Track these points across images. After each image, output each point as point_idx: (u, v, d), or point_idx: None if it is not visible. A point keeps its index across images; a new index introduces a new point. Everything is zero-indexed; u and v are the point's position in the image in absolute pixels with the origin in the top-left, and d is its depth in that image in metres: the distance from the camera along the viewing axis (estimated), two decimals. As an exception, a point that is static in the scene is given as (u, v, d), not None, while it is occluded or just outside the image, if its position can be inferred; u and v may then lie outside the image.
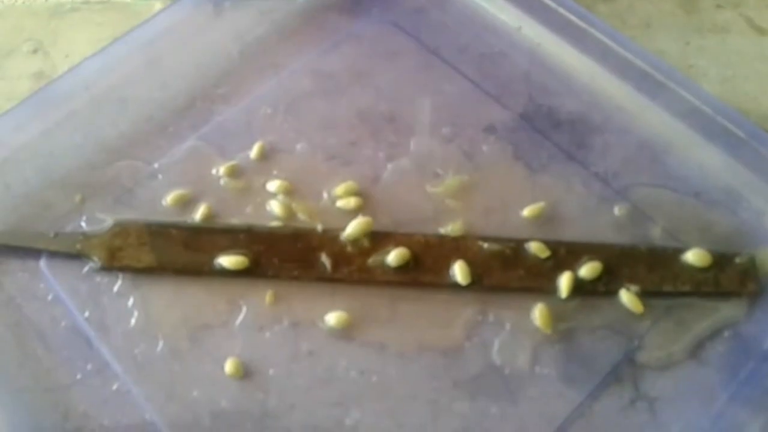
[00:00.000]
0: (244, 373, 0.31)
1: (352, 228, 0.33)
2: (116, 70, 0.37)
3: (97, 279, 0.33)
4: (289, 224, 0.34)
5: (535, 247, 0.33)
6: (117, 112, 0.37)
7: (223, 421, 0.30)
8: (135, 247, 0.33)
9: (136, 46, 0.38)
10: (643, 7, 0.45)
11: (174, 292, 0.32)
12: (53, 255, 0.33)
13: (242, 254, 0.33)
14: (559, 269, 0.32)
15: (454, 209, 0.35)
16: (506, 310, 0.32)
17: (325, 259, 0.33)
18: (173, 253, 0.33)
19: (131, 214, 0.34)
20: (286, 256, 0.33)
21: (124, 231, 0.33)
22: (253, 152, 0.36)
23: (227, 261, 0.32)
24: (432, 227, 0.34)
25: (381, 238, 0.33)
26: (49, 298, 0.32)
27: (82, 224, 0.34)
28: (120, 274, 0.33)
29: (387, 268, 0.33)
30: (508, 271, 0.33)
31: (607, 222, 0.34)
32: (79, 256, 0.33)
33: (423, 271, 0.33)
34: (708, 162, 0.35)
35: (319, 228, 0.34)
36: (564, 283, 0.32)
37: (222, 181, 0.35)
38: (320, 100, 0.38)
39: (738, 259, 0.33)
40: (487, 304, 0.32)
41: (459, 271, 0.32)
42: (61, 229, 0.34)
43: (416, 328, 0.32)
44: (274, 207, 0.34)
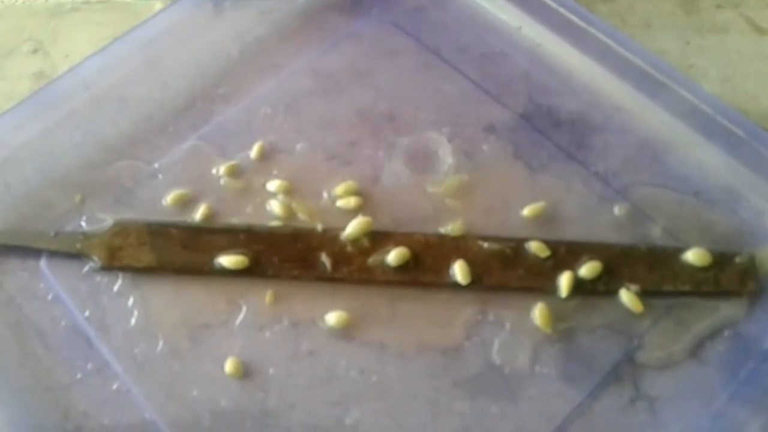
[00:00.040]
0: (244, 373, 0.31)
1: (352, 228, 0.33)
2: (116, 69, 0.37)
3: (97, 278, 0.33)
4: (289, 224, 0.34)
5: (535, 247, 0.33)
6: (117, 111, 0.37)
7: (223, 421, 0.30)
8: (135, 247, 0.33)
9: (136, 46, 0.38)
10: (643, 6, 0.45)
11: (174, 291, 0.32)
12: (53, 254, 0.33)
13: (242, 254, 0.33)
14: (559, 269, 0.32)
15: (454, 209, 0.35)
16: (506, 310, 0.32)
17: (325, 259, 0.33)
18: (173, 252, 0.33)
19: (131, 214, 0.34)
20: (286, 256, 0.33)
21: (124, 231, 0.33)
22: (253, 152, 0.36)
23: (227, 261, 0.32)
24: (432, 227, 0.34)
25: (381, 238, 0.33)
26: (49, 297, 0.32)
27: (82, 224, 0.34)
28: (120, 274, 0.33)
29: (387, 268, 0.33)
30: (508, 271, 0.33)
31: (607, 221, 0.34)
32: (79, 256, 0.33)
33: (423, 270, 0.33)
34: (708, 161, 0.35)
35: (319, 228, 0.34)
36: (564, 282, 0.32)
37: (222, 181, 0.35)
38: (320, 99, 0.38)
39: (738, 259, 0.33)
40: (487, 303, 0.32)
41: (459, 271, 0.32)
42: (61, 229, 0.34)
43: (416, 327, 0.32)
44: (274, 207, 0.34)
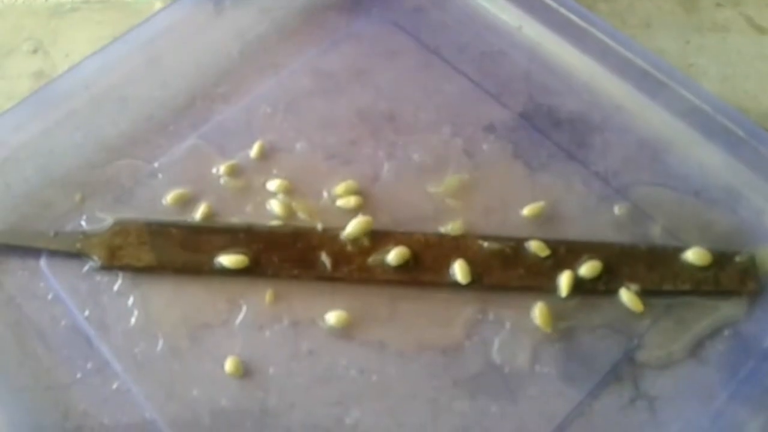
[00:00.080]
0: (244, 372, 0.31)
1: (352, 227, 0.33)
2: (116, 69, 0.37)
3: (97, 278, 0.33)
4: (289, 223, 0.34)
5: (535, 246, 0.33)
6: (117, 111, 0.37)
7: (223, 420, 0.30)
8: (135, 246, 0.33)
9: (136, 45, 0.38)
10: (643, 6, 0.45)
11: (174, 291, 0.32)
12: (53, 254, 0.33)
13: (242, 253, 0.33)
14: (559, 268, 0.33)
15: (454, 208, 0.35)
16: (506, 309, 0.32)
17: (325, 258, 0.33)
18: (173, 252, 0.33)
19: (131, 213, 0.34)
20: (286, 255, 0.33)
21: (124, 230, 0.33)
22: (253, 151, 0.36)
23: (227, 260, 0.32)
24: (432, 226, 0.34)
25: (381, 237, 0.33)
26: (49, 297, 0.32)
27: (82, 223, 0.34)
28: (120, 273, 0.33)
29: (387, 267, 0.33)
30: (508, 270, 0.33)
31: (607, 221, 0.34)
32: (79, 255, 0.33)
33: (423, 270, 0.33)
34: (708, 161, 0.35)
35: (319, 227, 0.34)
36: (564, 281, 0.32)
37: (222, 180, 0.35)
38: (320, 99, 0.38)
39: (738, 258, 0.33)
40: (487, 303, 0.32)
41: (459, 270, 0.32)
42: (61, 228, 0.34)
43: (416, 327, 0.32)
44: (274, 206, 0.34)
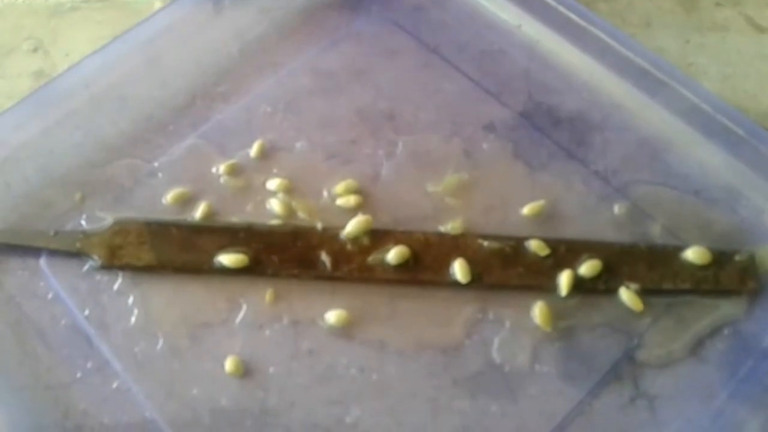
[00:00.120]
0: (244, 371, 0.31)
1: (352, 226, 0.33)
2: (116, 68, 0.37)
3: (97, 277, 0.33)
4: (289, 222, 0.34)
5: (534, 245, 0.33)
6: (117, 110, 0.37)
7: (223, 419, 0.30)
8: (135, 246, 0.33)
9: (136, 45, 0.38)
10: (643, 5, 0.45)
11: (174, 290, 0.32)
12: (53, 253, 0.33)
13: (242, 252, 0.33)
14: (558, 267, 0.33)
15: (454, 207, 0.35)
16: (506, 308, 0.32)
17: (325, 258, 0.33)
18: (173, 251, 0.33)
19: (131, 213, 0.34)
20: (285, 255, 0.33)
21: (124, 229, 0.33)
22: (253, 150, 0.36)
23: (227, 259, 0.32)
24: (432, 225, 0.34)
25: (381, 237, 0.33)
26: (49, 296, 0.32)
27: (82, 223, 0.34)
28: (120, 273, 0.33)
29: (387, 267, 0.33)
30: (507, 269, 0.33)
31: (607, 220, 0.34)
32: (79, 255, 0.33)
33: (423, 269, 0.33)
34: (708, 160, 0.35)
35: (319, 226, 0.34)
36: (564, 281, 0.32)
37: (222, 180, 0.35)
38: (320, 98, 0.38)
39: (738, 257, 0.33)
40: (487, 302, 0.32)
41: (459, 269, 0.32)
42: (61, 228, 0.34)
43: (416, 326, 0.32)
44: (274, 205, 0.34)
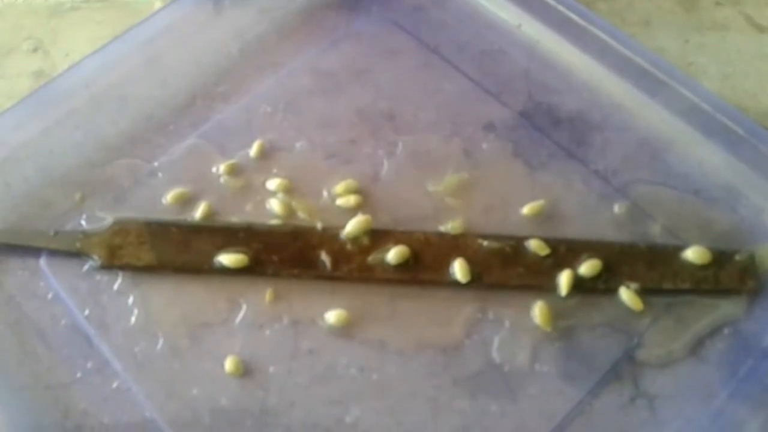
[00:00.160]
0: (244, 371, 0.31)
1: (352, 226, 0.33)
2: (116, 68, 0.37)
3: (97, 277, 0.33)
4: (289, 222, 0.34)
5: (534, 245, 0.33)
6: (117, 110, 0.37)
7: (223, 419, 0.30)
8: (135, 246, 0.33)
9: (136, 45, 0.38)
10: (643, 4, 0.45)
11: (174, 290, 0.32)
12: (53, 253, 0.33)
13: (242, 252, 0.33)
14: (558, 267, 0.33)
15: (454, 207, 0.35)
16: (506, 308, 0.32)
17: (325, 257, 0.33)
18: (173, 251, 0.33)
19: (131, 213, 0.34)
20: (285, 255, 0.33)
21: (123, 229, 0.33)
22: (253, 150, 0.36)
23: (227, 259, 0.32)
24: (432, 225, 0.34)
25: (381, 236, 0.33)
26: (49, 296, 0.32)
27: (82, 222, 0.34)
28: (120, 273, 0.33)
29: (387, 266, 0.33)
30: (507, 269, 0.33)
31: (607, 219, 0.34)
32: (79, 255, 0.33)
33: (423, 268, 0.33)
34: (708, 159, 0.35)
35: (319, 226, 0.34)
36: (564, 280, 0.32)
37: (222, 180, 0.35)
38: (320, 98, 0.38)
39: (738, 257, 0.33)
40: (487, 301, 0.32)
41: (459, 269, 0.32)
42: (61, 228, 0.34)
43: (416, 325, 0.32)
44: (274, 205, 0.34)
